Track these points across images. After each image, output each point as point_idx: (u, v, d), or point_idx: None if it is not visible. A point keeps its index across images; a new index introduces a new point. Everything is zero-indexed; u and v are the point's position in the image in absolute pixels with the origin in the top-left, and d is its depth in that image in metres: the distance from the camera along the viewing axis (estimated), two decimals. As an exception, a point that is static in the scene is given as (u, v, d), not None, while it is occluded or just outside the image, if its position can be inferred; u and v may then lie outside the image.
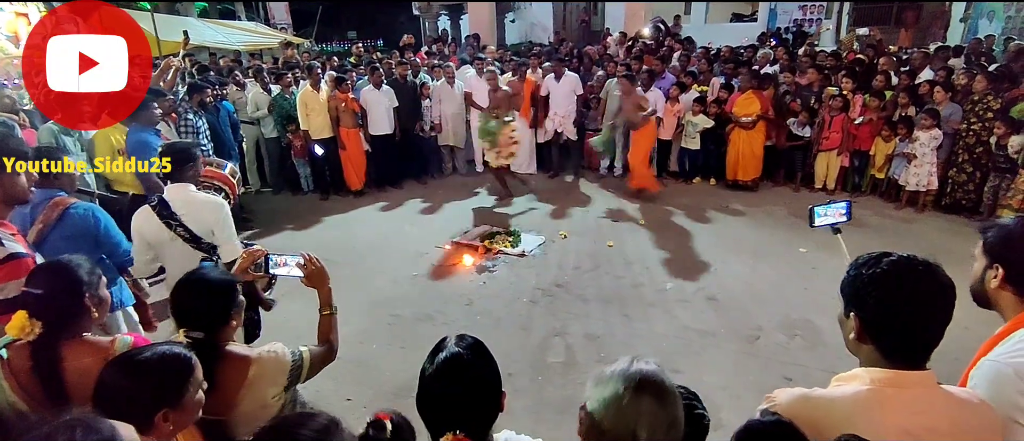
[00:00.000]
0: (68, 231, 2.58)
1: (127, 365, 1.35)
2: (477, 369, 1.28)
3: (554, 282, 4.84)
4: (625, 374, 1.10)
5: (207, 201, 2.69)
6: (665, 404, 1.09)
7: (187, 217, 2.60)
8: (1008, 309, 1.36)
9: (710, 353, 3.82)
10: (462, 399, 1.24)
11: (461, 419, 1.21)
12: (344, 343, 2.12)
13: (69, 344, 1.62)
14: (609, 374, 1.13)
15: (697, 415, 1.55)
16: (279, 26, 14.30)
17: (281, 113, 7.05)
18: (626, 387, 1.08)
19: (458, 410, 1.23)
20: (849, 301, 1.21)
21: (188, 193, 2.66)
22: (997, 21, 10.72)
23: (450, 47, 10.35)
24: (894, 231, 5.80)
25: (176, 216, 2.59)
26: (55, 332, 1.60)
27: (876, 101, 6.39)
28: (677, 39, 9.87)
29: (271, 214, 6.80)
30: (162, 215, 2.59)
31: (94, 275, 1.72)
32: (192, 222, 2.61)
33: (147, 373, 1.32)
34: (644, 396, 1.07)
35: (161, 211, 2.59)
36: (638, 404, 1.07)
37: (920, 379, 1.15)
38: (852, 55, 8.26)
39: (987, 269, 1.38)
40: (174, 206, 2.60)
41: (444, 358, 1.26)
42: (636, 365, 1.12)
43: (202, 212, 2.64)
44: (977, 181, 5.90)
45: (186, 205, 2.62)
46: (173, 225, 2.59)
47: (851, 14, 13.14)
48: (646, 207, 6.62)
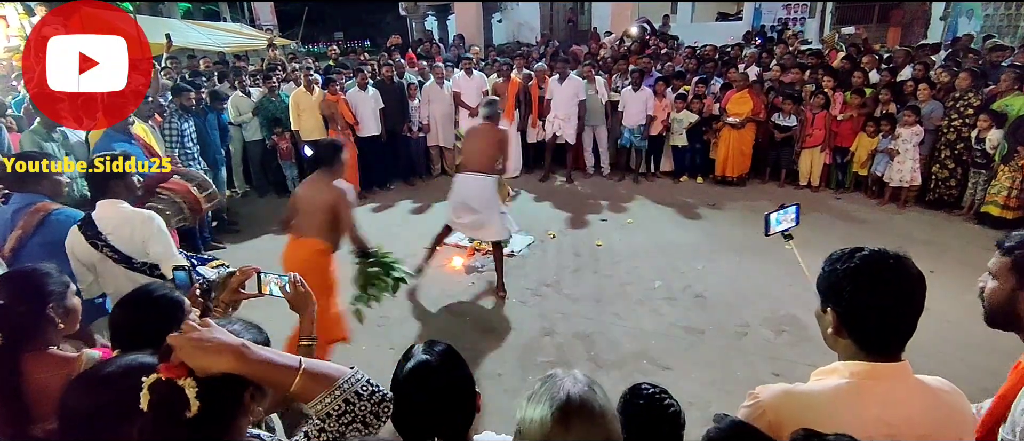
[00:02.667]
0: (48, 238, 2.49)
1: (89, 382, 1.23)
2: (446, 375, 1.25)
3: (543, 282, 4.86)
4: (552, 397, 1.06)
5: (134, 215, 2.47)
6: (594, 427, 1.04)
7: (113, 236, 2.39)
8: None
9: (698, 350, 3.86)
10: (434, 406, 1.22)
11: (436, 426, 1.20)
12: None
13: (32, 357, 1.53)
14: (539, 392, 1.09)
15: (672, 413, 1.52)
16: (264, 27, 14.17)
17: (267, 115, 6.99)
18: (552, 413, 1.04)
19: (432, 417, 1.21)
20: (825, 296, 1.22)
21: (118, 209, 2.45)
22: (976, 19, 10.91)
23: (434, 47, 10.32)
24: (877, 227, 5.88)
25: (101, 235, 2.37)
26: (16, 344, 1.51)
27: (856, 98, 6.49)
28: (663, 38, 9.93)
29: (257, 218, 6.74)
30: (87, 235, 2.37)
31: (61, 284, 1.62)
32: (119, 241, 2.39)
33: (111, 388, 1.19)
34: (572, 422, 1.03)
35: (86, 230, 2.38)
36: (565, 433, 1.02)
37: (896, 370, 1.17)
38: (834, 54, 8.37)
39: (1018, 290, 1.26)
40: (100, 225, 2.39)
41: (411, 367, 1.24)
42: (563, 386, 1.07)
43: (129, 228, 2.42)
44: (958, 177, 6.02)
45: (112, 222, 2.41)
46: (99, 245, 2.37)
47: (834, 13, 13.30)
48: (634, 206, 6.66)
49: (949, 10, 11.61)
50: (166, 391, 1.04)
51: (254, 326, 1.27)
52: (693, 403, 3.27)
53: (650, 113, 7.08)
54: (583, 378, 1.11)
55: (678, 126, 7.17)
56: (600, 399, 1.08)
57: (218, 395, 1.06)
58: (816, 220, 6.05)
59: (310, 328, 1.80)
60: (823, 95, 6.60)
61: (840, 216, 6.21)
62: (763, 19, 13.76)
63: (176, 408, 1.03)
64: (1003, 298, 1.30)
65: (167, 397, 1.04)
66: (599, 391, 1.10)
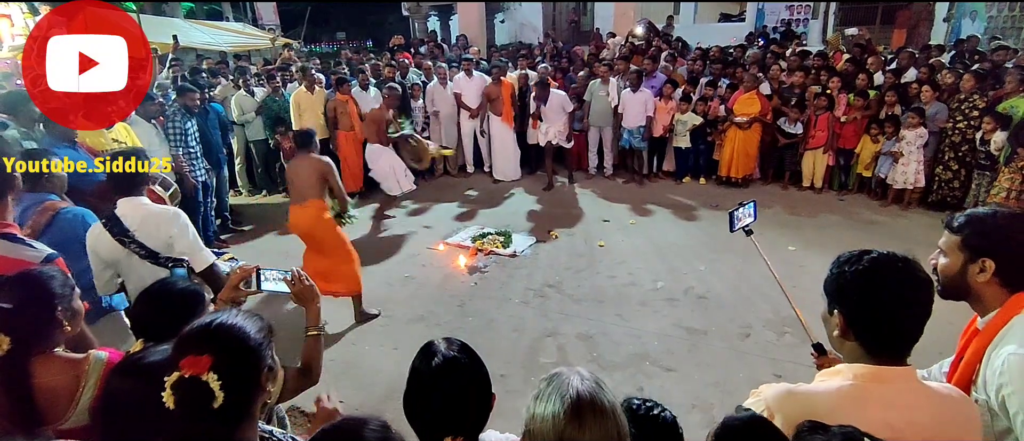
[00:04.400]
0: (58, 236, 2.52)
1: (136, 370, 1.30)
2: (472, 371, 1.27)
3: (546, 282, 4.86)
4: (561, 394, 1.07)
5: (161, 212, 2.56)
6: (606, 422, 1.06)
7: (140, 233, 2.47)
8: (993, 300, 1.38)
9: (701, 351, 3.86)
10: (459, 402, 1.23)
11: (457, 423, 1.20)
12: (336, 344, 2.08)
13: (39, 360, 1.53)
14: (546, 391, 1.10)
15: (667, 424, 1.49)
16: (267, 27, 14.21)
17: (270, 115, 7.00)
18: (564, 410, 1.05)
19: (454, 413, 1.22)
20: (832, 298, 1.23)
21: (141, 207, 2.53)
22: (979, 21, 10.89)
23: (437, 48, 10.31)
24: (880, 228, 5.87)
25: (128, 232, 2.45)
26: (24, 348, 1.51)
27: (860, 100, 6.48)
28: (665, 39, 9.92)
29: (261, 217, 6.76)
30: (114, 232, 2.45)
31: (66, 287, 1.64)
32: (146, 237, 2.47)
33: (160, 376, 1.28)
34: (585, 417, 1.04)
35: (113, 228, 2.45)
36: (579, 429, 1.04)
37: (901, 374, 1.18)
38: (839, 55, 8.35)
39: (968, 263, 1.39)
40: (127, 222, 2.47)
41: (439, 362, 1.25)
42: (571, 384, 1.09)
43: (155, 225, 2.50)
44: (962, 178, 6.00)
45: (138, 220, 2.49)
46: (127, 242, 2.45)
47: (838, 14, 13.29)
48: (636, 207, 6.66)
49: (953, 12, 11.59)
50: (191, 387, 1.09)
51: (256, 315, 1.33)
52: (695, 405, 3.28)
53: (649, 114, 7.04)
54: (589, 375, 1.12)
55: (681, 127, 7.16)
56: (608, 395, 1.09)
57: (239, 382, 1.15)
58: (819, 222, 6.05)
59: (317, 319, 1.86)
60: (827, 97, 6.60)
61: (843, 217, 6.20)
62: (766, 20, 13.75)
63: (203, 402, 1.09)
64: (954, 272, 1.41)
65: (192, 392, 1.09)
66: (605, 387, 1.11)
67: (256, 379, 1.22)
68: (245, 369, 1.18)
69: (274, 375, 1.30)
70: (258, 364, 1.22)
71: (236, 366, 1.16)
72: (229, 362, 1.15)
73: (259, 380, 1.22)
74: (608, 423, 1.05)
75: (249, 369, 1.19)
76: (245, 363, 1.19)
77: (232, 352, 1.18)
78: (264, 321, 1.34)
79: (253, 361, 1.21)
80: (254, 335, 1.23)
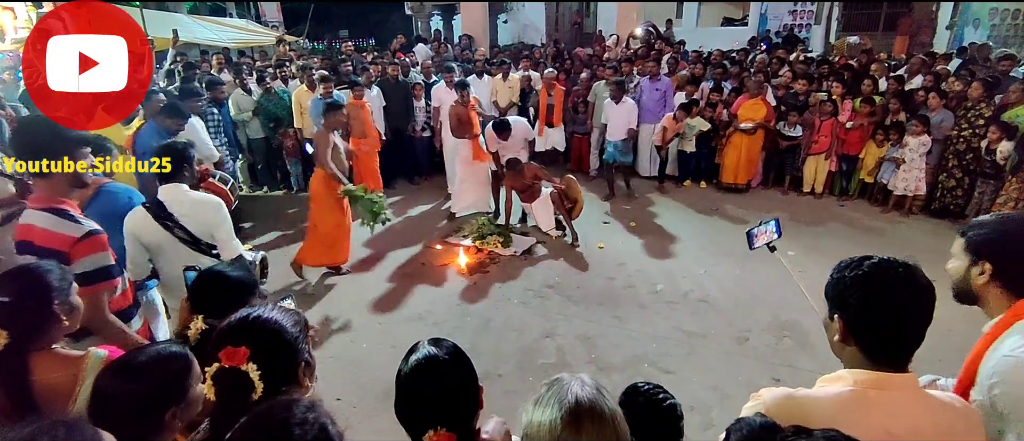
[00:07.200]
0: (103, 208, 2.56)
1: (127, 370, 1.30)
2: (450, 367, 1.26)
3: (545, 283, 4.86)
4: (560, 400, 1.07)
5: (205, 200, 2.64)
6: (605, 429, 1.05)
7: (185, 218, 2.55)
8: (996, 305, 1.40)
9: (700, 354, 3.85)
10: (437, 398, 1.22)
11: (440, 416, 1.20)
12: (335, 342, 2.09)
13: (38, 356, 1.51)
14: (545, 397, 1.09)
15: (669, 406, 1.59)
16: (270, 24, 14.22)
17: (267, 114, 6.98)
18: (561, 416, 1.04)
19: (436, 407, 1.21)
20: (833, 304, 1.23)
21: (183, 193, 2.60)
22: (982, 28, 10.87)
23: (442, 47, 10.30)
24: (881, 234, 5.87)
25: (173, 217, 2.53)
26: (22, 343, 1.50)
27: (866, 107, 6.46)
28: (668, 42, 9.91)
29: (263, 214, 6.76)
30: (159, 217, 2.52)
31: (64, 281, 1.62)
32: (191, 223, 2.56)
33: (149, 375, 1.28)
34: (583, 425, 1.04)
35: (158, 213, 2.52)
36: (576, 437, 1.03)
37: (902, 381, 1.17)
38: (843, 59, 8.34)
39: (971, 266, 1.42)
40: (171, 207, 2.54)
41: (417, 359, 1.25)
42: (571, 390, 1.08)
43: (200, 212, 2.59)
44: (965, 186, 5.98)
45: (183, 206, 2.56)
46: (171, 227, 2.52)
47: (840, 20, 13.28)
48: (637, 209, 6.65)
49: (955, 19, 11.57)
50: (231, 377, 1.11)
51: (292, 310, 1.39)
52: (694, 408, 3.27)
53: (632, 126, 6.76)
54: (590, 381, 1.12)
55: (689, 131, 7.10)
56: (609, 402, 1.09)
57: (277, 374, 1.18)
58: (819, 227, 6.04)
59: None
60: (831, 102, 6.58)
61: (844, 223, 6.19)
62: (769, 24, 13.75)
63: (242, 393, 1.10)
64: (961, 275, 1.47)
65: (233, 383, 1.11)
66: (606, 394, 1.10)
67: (293, 372, 1.25)
68: (282, 362, 1.22)
69: (311, 370, 1.33)
70: (294, 357, 1.25)
71: (273, 359, 1.20)
72: (267, 355, 1.19)
73: (296, 373, 1.25)
74: (606, 430, 1.05)
75: (285, 362, 1.23)
76: (282, 356, 1.23)
77: (269, 345, 1.23)
78: (300, 316, 1.39)
79: (289, 354, 1.24)
80: (290, 329, 1.28)
